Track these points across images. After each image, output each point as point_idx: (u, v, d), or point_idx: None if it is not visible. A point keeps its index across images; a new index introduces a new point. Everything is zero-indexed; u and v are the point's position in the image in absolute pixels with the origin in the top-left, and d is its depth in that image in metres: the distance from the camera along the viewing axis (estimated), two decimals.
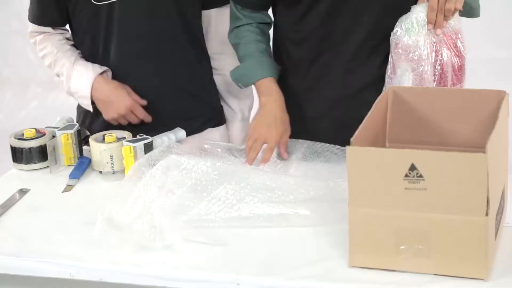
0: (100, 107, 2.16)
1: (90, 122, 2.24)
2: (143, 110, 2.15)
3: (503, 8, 4.94)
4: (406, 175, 1.38)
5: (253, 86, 2.13)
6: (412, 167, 1.37)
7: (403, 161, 1.37)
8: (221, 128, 2.35)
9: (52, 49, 2.21)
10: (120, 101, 2.12)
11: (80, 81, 2.15)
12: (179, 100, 2.22)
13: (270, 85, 2.05)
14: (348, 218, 1.47)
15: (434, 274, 1.45)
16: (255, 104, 2.29)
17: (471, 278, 1.43)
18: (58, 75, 2.24)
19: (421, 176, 1.37)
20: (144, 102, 2.16)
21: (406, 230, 1.43)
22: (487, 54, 4.94)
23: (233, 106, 2.34)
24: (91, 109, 2.18)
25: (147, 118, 2.16)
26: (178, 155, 1.84)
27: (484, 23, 4.88)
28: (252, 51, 2.09)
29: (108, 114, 2.14)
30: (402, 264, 1.46)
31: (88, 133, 2.15)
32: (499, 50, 5.00)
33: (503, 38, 5.01)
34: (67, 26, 2.27)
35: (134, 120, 2.15)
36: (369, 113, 1.60)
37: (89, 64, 2.17)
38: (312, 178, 1.83)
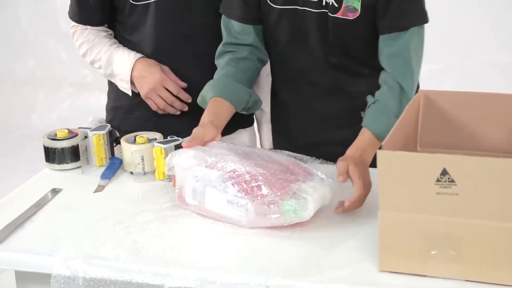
0: (136, 85, 2.18)
1: (119, 122, 2.25)
2: (176, 85, 2.15)
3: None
4: (438, 180, 1.37)
5: None
6: (444, 172, 1.36)
7: (434, 165, 1.37)
8: (250, 128, 2.36)
9: (90, 36, 2.24)
10: (151, 75, 2.14)
11: (121, 64, 2.17)
12: None
13: (209, 105, 1.97)
14: (379, 222, 1.47)
15: (465, 280, 1.44)
16: None
17: (503, 285, 1.42)
18: (92, 62, 2.26)
19: (453, 181, 1.36)
20: (183, 84, 2.16)
21: (437, 235, 1.42)
22: (498, 58, 4.91)
23: (262, 106, 2.34)
24: (129, 92, 2.20)
25: (183, 94, 2.16)
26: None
27: (491, 27, 4.88)
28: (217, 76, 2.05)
29: (142, 90, 2.16)
30: (432, 270, 1.45)
31: (118, 135, 2.17)
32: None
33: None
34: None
35: (168, 98, 2.14)
36: (401, 117, 1.59)
37: (131, 50, 2.20)
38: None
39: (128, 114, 2.27)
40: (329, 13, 1.95)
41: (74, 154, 2.06)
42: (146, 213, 1.78)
